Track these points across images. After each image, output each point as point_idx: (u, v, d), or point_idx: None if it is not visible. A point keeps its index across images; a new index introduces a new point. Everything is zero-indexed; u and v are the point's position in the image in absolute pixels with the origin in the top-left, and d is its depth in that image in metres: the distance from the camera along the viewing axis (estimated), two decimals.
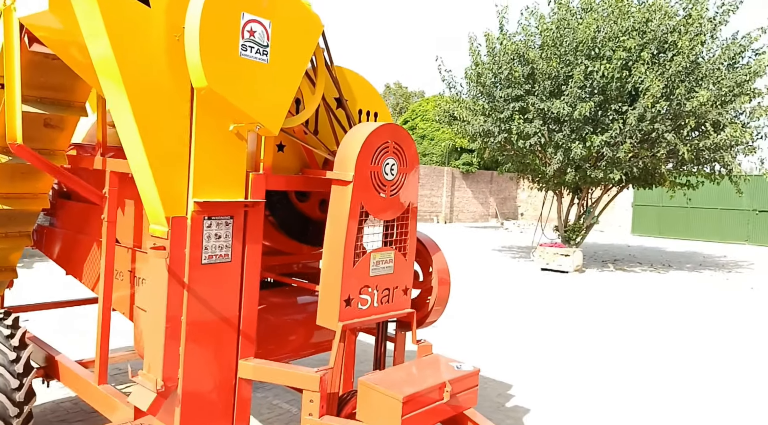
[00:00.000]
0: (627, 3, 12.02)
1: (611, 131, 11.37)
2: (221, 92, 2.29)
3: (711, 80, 11.40)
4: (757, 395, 5.34)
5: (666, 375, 5.77)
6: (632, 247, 19.52)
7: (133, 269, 3.52)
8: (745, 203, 22.00)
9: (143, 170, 2.33)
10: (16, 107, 3.01)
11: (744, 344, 7.24)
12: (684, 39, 11.09)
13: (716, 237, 22.93)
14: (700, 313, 9.09)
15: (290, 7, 2.48)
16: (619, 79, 11.17)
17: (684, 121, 11.40)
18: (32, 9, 2.66)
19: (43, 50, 3.15)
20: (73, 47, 2.76)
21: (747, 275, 13.73)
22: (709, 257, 17.24)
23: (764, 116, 11.98)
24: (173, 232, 2.39)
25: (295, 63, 2.53)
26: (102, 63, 2.25)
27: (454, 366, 2.78)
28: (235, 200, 2.56)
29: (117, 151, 3.55)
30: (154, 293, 2.47)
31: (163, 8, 2.28)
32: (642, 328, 7.82)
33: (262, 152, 2.66)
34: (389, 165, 2.79)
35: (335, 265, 2.67)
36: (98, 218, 3.85)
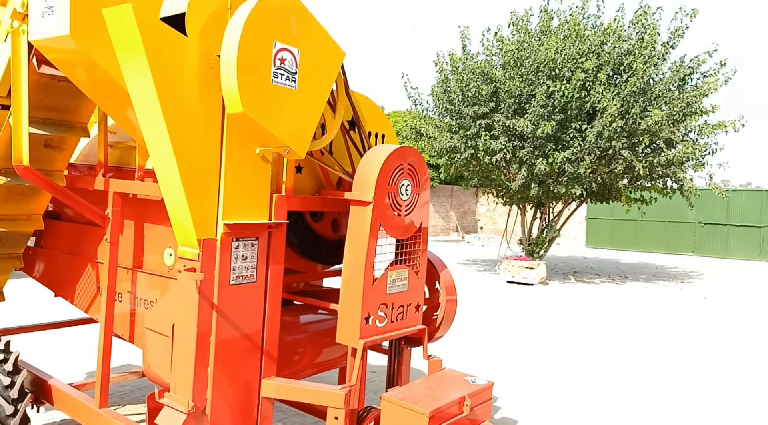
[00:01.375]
0: (583, 26, 12.62)
1: (572, 148, 11.86)
2: (255, 118, 2.36)
3: (663, 100, 12.07)
4: (722, 398, 5.67)
5: (636, 380, 6.05)
6: (589, 259, 20.20)
7: (133, 291, 3.50)
8: (692, 215, 23.12)
9: (177, 194, 2.36)
10: (22, 129, 2.99)
11: (705, 350, 7.65)
12: (638, 61, 11.71)
13: (665, 249, 23.96)
14: (661, 323, 9.53)
15: (316, 37, 2.58)
16: (579, 99, 11.68)
17: (639, 139, 12.01)
18: (49, 33, 2.66)
19: (50, 72, 3.13)
20: (87, 69, 2.77)
21: (699, 285, 14.44)
22: (662, 268, 18.03)
23: (712, 134, 12.72)
24: (204, 254, 2.43)
25: (320, 89, 2.62)
26: (139, 90, 2.28)
27: (469, 381, 2.89)
28: (261, 222, 2.61)
29: (117, 171, 3.54)
30: (184, 314, 2.49)
31: (198, 37, 2.35)
32: (609, 338, 8.15)
33: (284, 174, 2.73)
34: (404, 186, 2.91)
35: (356, 284, 2.75)
36: (92, 239, 3.81)
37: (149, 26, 2.19)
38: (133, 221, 3.48)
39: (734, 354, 7.51)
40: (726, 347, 7.93)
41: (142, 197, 3.41)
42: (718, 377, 6.43)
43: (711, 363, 7.03)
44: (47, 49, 2.87)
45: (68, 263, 4.00)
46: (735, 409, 5.40)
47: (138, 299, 3.49)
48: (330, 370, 3.59)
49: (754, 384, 6.22)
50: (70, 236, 4.00)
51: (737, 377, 6.47)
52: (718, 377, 6.43)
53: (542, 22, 12.99)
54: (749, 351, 7.77)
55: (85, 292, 3.91)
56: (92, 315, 3.90)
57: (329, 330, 3.49)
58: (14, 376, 3.52)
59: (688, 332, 8.82)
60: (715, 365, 6.94)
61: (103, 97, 3.00)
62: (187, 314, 2.48)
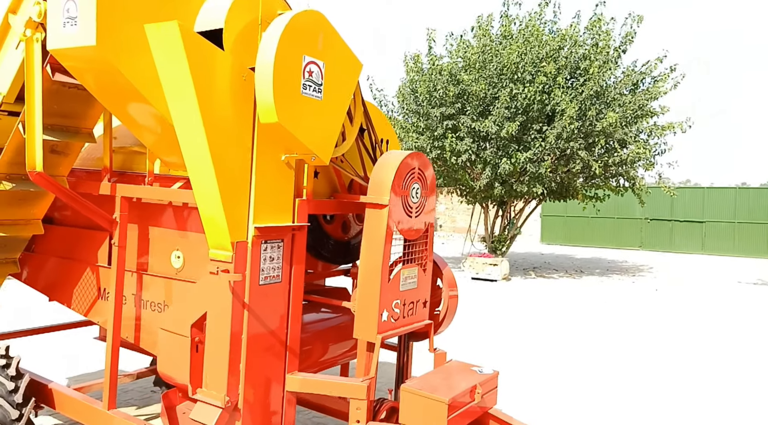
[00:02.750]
0: (540, 32, 13.13)
1: (534, 148, 12.34)
2: (288, 127, 2.50)
3: (617, 103, 12.70)
4: (683, 382, 6.14)
5: (604, 368, 6.46)
6: (545, 255, 20.93)
7: (138, 293, 3.56)
8: (638, 212, 24.24)
9: (213, 200, 2.47)
10: (36, 136, 3.02)
11: (661, 338, 8.18)
12: (594, 66, 12.29)
13: (614, 244, 25.04)
14: (619, 314, 10.08)
15: (338, 50, 2.74)
16: (540, 102, 12.17)
17: (595, 139, 12.60)
18: (72, 43, 2.70)
19: (62, 79, 3.16)
20: (106, 77, 2.83)
21: (649, 278, 15.25)
22: (613, 263, 18.89)
23: (662, 135, 13.46)
24: (237, 256, 2.55)
25: (341, 99, 2.78)
26: (180, 103, 2.38)
27: (477, 371, 3.11)
28: (286, 225, 2.76)
29: (121, 176, 3.59)
30: (217, 314, 2.61)
31: (234, 51, 2.47)
32: (574, 329, 8.59)
33: (305, 179, 2.87)
34: (415, 189, 3.10)
35: (373, 282, 2.92)
36: (91, 242, 3.84)
37: (192, 42, 2.30)
38: (137, 225, 3.54)
39: (688, 341, 8.07)
40: (679, 334, 8.49)
41: (147, 201, 3.47)
42: (675, 362, 6.92)
43: (667, 349, 7.54)
44: (66, 57, 2.91)
45: (64, 267, 4.00)
46: (695, 393, 5.86)
47: (144, 302, 3.56)
48: (333, 367, 3.75)
49: (711, 368, 6.73)
50: (65, 241, 4.00)
51: (692, 362, 6.97)
52: (675, 362, 6.92)
53: (503, 27, 13.43)
54: (701, 338, 8.35)
55: (84, 296, 3.93)
56: (92, 319, 3.92)
57: (335, 328, 3.65)
58: (17, 381, 3.53)
59: (643, 322, 9.38)
60: (670, 351, 7.44)
61: (116, 103, 3.06)
62: (220, 313, 2.60)
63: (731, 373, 6.59)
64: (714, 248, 23.16)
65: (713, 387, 6.06)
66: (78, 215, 3.94)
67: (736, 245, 22.93)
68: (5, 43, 3.20)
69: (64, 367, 5.76)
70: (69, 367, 5.79)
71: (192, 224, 3.34)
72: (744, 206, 22.95)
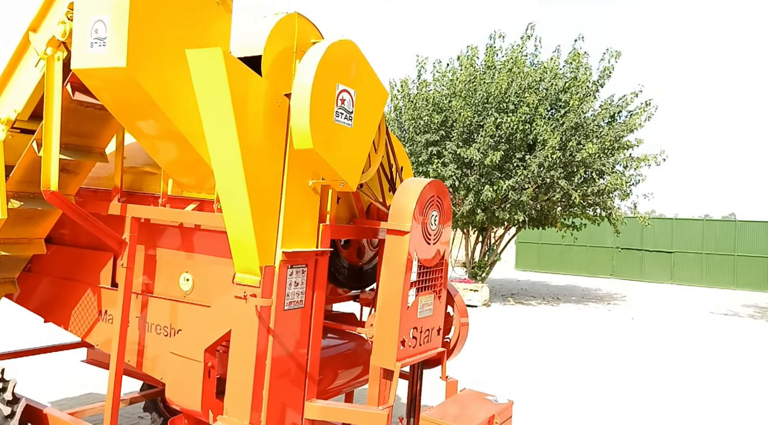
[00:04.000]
0: (522, 63, 13.50)
1: (516, 177, 12.57)
2: (322, 154, 2.53)
3: (595, 135, 13.07)
4: (666, 413, 6.24)
5: (592, 391, 6.52)
6: (522, 281, 21.14)
7: (143, 316, 3.50)
8: (610, 241, 24.74)
9: (245, 223, 2.47)
10: (52, 155, 2.98)
11: (644, 368, 8.31)
12: (574, 98, 12.66)
13: (587, 272, 25.45)
14: (599, 342, 10.22)
15: (368, 79, 2.79)
16: (523, 131, 12.45)
17: (574, 169, 12.91)
18: (100, 63, 2.69)
19: (81, 98, 3.13)
20: (130, 98, 2.82)
21: (623, 307, 15.51)
22: (587, 291, 19.17)
23: (638, 167, 13.86)
24: (265, 280, 2.54)
25: (369, 127, 2.82)
26: (218, 128, 2.39)
27: (492, 400, 3.13)
28: (311, 250, 2.75)
29: (130, 196, 3.54)
30: (242, 339, 2.58)
31: (270, 77, 2.50)
32: (561, 357, 8.67)
33: (329, 204, 2.88)
34: (433, 217, 3.14)
35: (393, 309, 2.93)
36: (93, 263, 3.77)
37: (234, 68, 2.31)
38: (144, 246, 3.49)
39: (668, 370, 8.21)
40: (660, 363, 8.64)
41: (157, 222, 3.43)
42: (655, 386, 7.03)
43: (650, 378, 7.66)
44: (92, 77, 2.89)
45: (62, 288, 3.91)
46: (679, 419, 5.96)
47: (149, 325, 3.49)
48: (339, 395, 3.71)
49: (693, 395, 6.87)
50: (64, 261, 3.91)
51: (672, 386, 7.10)
52: (655, 386, 7.03)
53: (487, 58, 13.76)
54: (680, 367, 8.52)
55: (83, 318, 3.84)
56: (91, 341, 3.83)
57: (344, 354, 3.62)
58: (14, 405, 3.41)
59: (624, 350, 9.52)
60: (653, 379, 7.57)
61: (136, 123, 3.05)
62: (245, 339, 2.57)
63: (713, 400, 6.72)
64: (682, 278, 23.70)
65: (696, 413, 6.17)
66: (79, 235, 3.86)
67: (704, 276, 23.51)
68: (23, 61, 3.16)
69: (48, 390, 5.56)
70: (53, 390, 5.59)
71: (203, 247, 3.32)
72: (711, 237, 23.62)
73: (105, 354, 4.75)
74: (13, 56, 3.13)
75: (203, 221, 3.13)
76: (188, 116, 2.91)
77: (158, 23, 2.66)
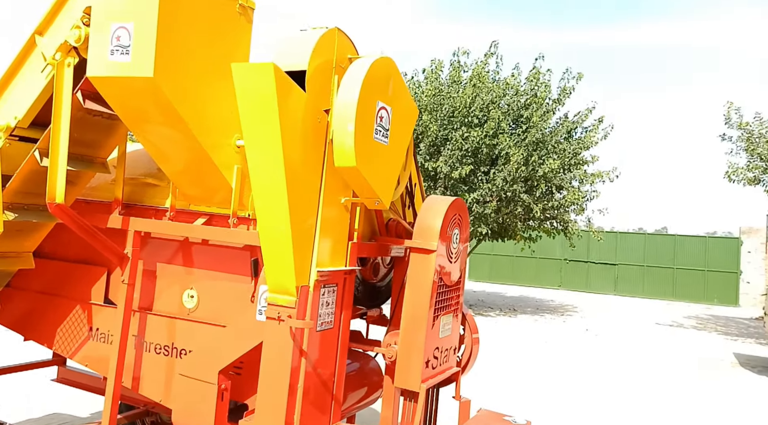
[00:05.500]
0: (486, 78, 13.78)
1: (481, 190, 12.79)
2: (363, 172, 2.47)
3: (555, 151, 13.47)
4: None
5: (567, 400, 6.67)
6: (477, 292, 21.45)
7: (141, 335, 3.34)
8: (558, 253, 25.50)
9: (284, 241, 2.38)
10: (59, 165, 2.81)
11: (605, 377, 8.58)
12: (536, 115, 13.02)
13: (536, 283, 26.10)
14: (561, 354, 10.47)
15: (403, 96, 2.76)
16: (488, 145, 12.69)
17: (536, 184, 13.26)
18: (124, 72, 2.56)
19: (93, 107, 2.96)
20: (152, 109, 2.70)
21: (577, 318, 15.98)
22: (541, 302, 19.66)
23: (593, 183, 14.37)
24: (300, 301, 2.45)
25: (402, 144, 2.79)
26: (262, 141, 2.30)
27: (511, 420, 3.12)
28: (341, 269, 2.69)
29: (130, 209, 3.36)
30: (276, 362, 2.48)
31: (314, 93, 2.43)
32: (524, 367, 8.82)
33: (356, 222, 2.82)
34: (455, 235, 3.13)
35: (418, 330, 2.89)
36: (83, 278, 3.57)
37: (282, 83, 2.24)
38: (144, 261, 3.33)
39: (629, 378, 8.50)
40: (619, 372, 8.94)
41: (161, 237, 3.29)
42: (622, 395, 7.27)
43: (611, 385, 7.91)
44: (110, 86, 2.73)
45: (46, 304, 3.68)
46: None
47: (148, 344, 3.32)
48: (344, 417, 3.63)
49: (658, 399, 7.13)
50: (50, 276, 3.68)
51: (638, 395, 7.36)
52: (622, 395, 7.27)
53: (453, 72, 13.97)
54: (641, 375, 8.84)
55: (71, 336, 3.63)
56: (79, 361, 3.62)
57: (353, 375, 3.54)
58: None
59: (585, 360, 9.79)
60: (615, 386, 7.82)
61: (151, 133, 2.92)
62: (279, 361, 2.47)
63: (682, 405, 7.01)
64: (625, 289, 24.66)
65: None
66: (67, 249, 3.65)
67: (645, 288, 24.54)
68: (26, 65, 2.96)
69: (8, 411, 5.19)
70: (14, 411, 5.22)
71: (211, 263, 3.20)
72: (651, 251, 24.72)
73: (78, 373, 4.50)
74: (15, 60, 2.92)
75: (218, 237, 3.00)
76: (209, 126, 2.82)
77: (183, 33, 2.59)
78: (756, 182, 13.78)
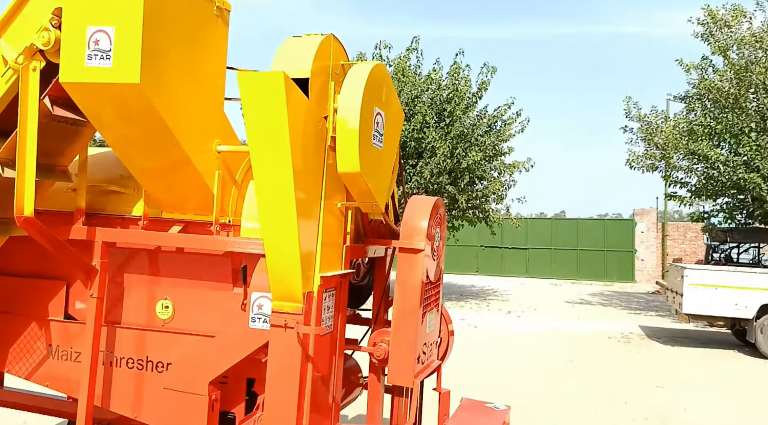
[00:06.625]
0: (410, 72, 14.03)
1: (410, 183, 13.03)
2: (365, 177, 2.50)
3: (477, 143, 14.00)
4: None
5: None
6: None
7: (109, 349, 3.20)
8: (475, 240, 26.54)
9: (292, 250, 2.36)
10: (27, 177, 2.63)
11: (535, 356, 9.13)
12: (458, 109, 13.45)
13: (455, 270, 27.02)
14: (490, 337, 10.98)
15: (394, 101, 2.82)
16: (417, 139, 12.96)
17: (459, 175, 13.72)
18: (105, 79, 2.43)
19: (62, 113, 2.77)
20: (135, 116, 2.60)
21: (498, 301, 16.77)
22: (464, 288, 20.40)
23: (512, 173, 15.10)
24: (307, 307, 2.46)
25: (394, 148, 2.85)
26: (269, 149, 2.27)
27: (492, 407, 3.29)
28: (339, 273, 2.71)
29: (94, 218, 3.19)
30: (283, 369, 2.47)
31: (314, 100, 2.43)
32: (467, 355, 9.20)
33: (348, 225, 2.85)
34: (438, 234, 3.23)
35: (410, 327, 2.97)
36: (39, 293, 3.36)
37: (291, 92, 2.22)
38: (114, 273, 3.19)
39: (556, 354, 9.11)
40: (547, 350, 9.54)
41: (128, 247, 3.16)
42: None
43: (548, 363, 8.45)
44: (86, 92, 2.56)
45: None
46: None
47: (118, 359, 3.19)
48: None
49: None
50: (3, 292, 3.42)
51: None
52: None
53: None
54: (566, 351, 9.48)
55: (26, 356, 3.40)
56: (38, 382, 3.40)
57: None
58: None
59: (516, 341, 10.34)
60: (551, 364, 8.36)
61: (126, 140, 2.80)
62: (287, 369, 2.46)
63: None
64: (536, 271, 26.18)
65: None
66: (19, 263, 3.40)
67: (553, 269, 26.17)
68: None
69: None
70: None
71: (186, 271, 3.12)
72: (558, 234, 26.37)
73: (16, 393, 4.18)
74: None
75: (202, 245, 2.92)
76: (191, 132, 2.75)
77: (165, 37, 2.52)
78: (654, 169, 15.09)
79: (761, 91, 12.27)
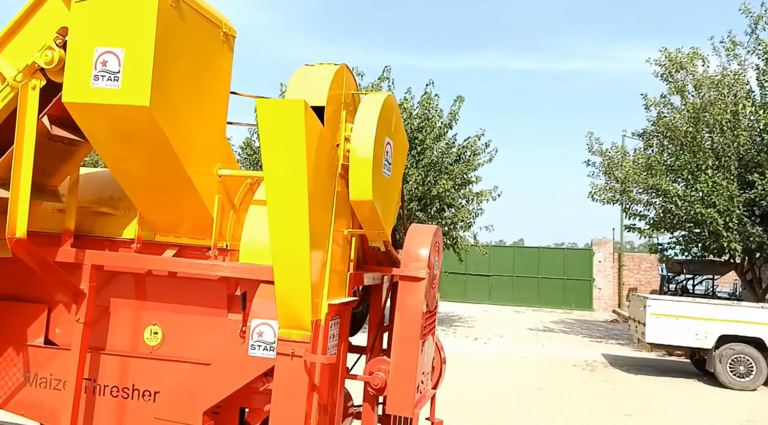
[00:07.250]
0: None
1: None
2: (377, 205, 2.51)
3: (447, 172, 14.20)
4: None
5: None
6: None
7: (93, 377, 3.09)
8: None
9: (302, 278, 2.34)
10: (21, 197, 2.55)
11: (505, 382, 9.17)
12: (429, 138, 13.65)
13: None
14: (460, 364, 10.98)
15: (400, 131, 2.85)
16: None
17: (430, 202, 13.86)
18: (113, 100, 2.41)
19: (61, 133, 2.69)
20: (139, 137, 2.56)
21: (463, 328, 16.82)
22: None
23: (480, 202, 15.32)
24: (315, 335, 2.42)
25: (399, 176, 2.88)
26: (285, 177, 2.26)
27: None
28: (344, 300, 2.69)
29: (82, 240, 3.09)
30: (290, 398, 2.42)
31: (329, 128, 2.45)
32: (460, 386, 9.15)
33: (352, 252, 2.84)
34: (436, 262, 3.25)
35: (411, 356, 2.95)
36: (17, 318, 3.25)
37: (310, 120, 2.23)
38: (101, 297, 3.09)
39: (524, 381, 9.17)
40: (515, 376, 9.60)
41: (117, 270, 3.07)
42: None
43: (519, 389, 8.50)
44: (90, 112, 2.51)
45: None
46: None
47: (101, 387, 3.07)
48: None
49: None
50: None
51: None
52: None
53: None
54: (535, 379, 9.55)
55: (1, 382, 3.22)
56: (13, 411, 3.23)
57: None
58: None
59: (485, 368, 10.37)
60: (523, 391, 8.41)
61: (125, 161, 2.75)
62: (294, 398, 2.41)
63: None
64: (498, 298, 26.45)
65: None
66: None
67: (515, 296, 26.51)
68: None
69: None
70: None
71: (178, 296, 3.05)
72: (520, 262, 26.79)
73: None
74: None
75: (201, 271, 2.86)
76: (195, 155, 2.72)
77: (174, 60, 2.51)
78: (614, 201, 15.61)
79: (717, 130, 12.89)
